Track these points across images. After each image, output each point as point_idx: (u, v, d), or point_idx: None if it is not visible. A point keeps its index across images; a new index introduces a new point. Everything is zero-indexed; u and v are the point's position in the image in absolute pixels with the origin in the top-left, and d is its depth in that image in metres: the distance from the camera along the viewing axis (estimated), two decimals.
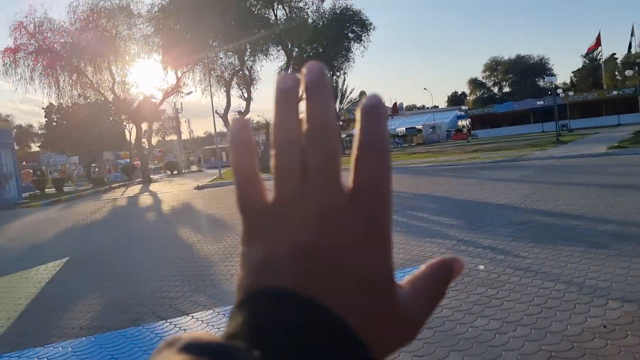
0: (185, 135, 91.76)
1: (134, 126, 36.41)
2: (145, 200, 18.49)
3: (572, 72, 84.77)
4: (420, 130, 60.23)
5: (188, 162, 59.99)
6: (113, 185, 32.16)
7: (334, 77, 36.51)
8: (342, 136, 53.25)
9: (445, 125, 63.13)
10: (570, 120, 46.02)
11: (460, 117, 70.39)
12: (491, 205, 8.60)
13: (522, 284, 4.20)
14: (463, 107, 51.62)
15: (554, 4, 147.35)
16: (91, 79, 32.43)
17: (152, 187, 27.31)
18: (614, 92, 43.96)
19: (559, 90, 42.14)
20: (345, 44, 32.27)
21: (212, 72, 33.19)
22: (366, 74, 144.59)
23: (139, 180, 36.42)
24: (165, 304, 4.93)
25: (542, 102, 48.54)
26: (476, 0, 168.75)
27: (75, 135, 45.26)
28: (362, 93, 56.66)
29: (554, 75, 29.09)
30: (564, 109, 49.63)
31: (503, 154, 19.55)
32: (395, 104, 55.14)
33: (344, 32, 31.53)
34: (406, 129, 64.27)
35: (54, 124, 46.59)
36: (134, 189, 26.94)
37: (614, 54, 70.20)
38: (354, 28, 32.02)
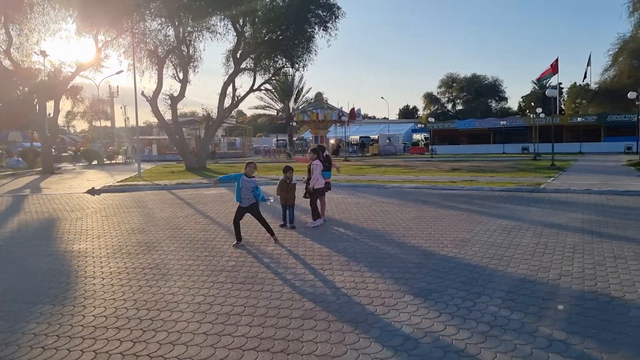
0: (120, 123, 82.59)
1: (39, 103, 29.12)
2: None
3: (522, 97, 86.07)
4: (376, 141, 56.70)
5: (113, 152, 52.01)
6: None
7: (292, 71, 31.35)
8: (294, 139, 48.21)
9: (401, 137, 60.15)
10: (530, 144, 44.25)
11: (415, 131, 67.97)
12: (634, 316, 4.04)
13: None
14: (430, 119, 48.02)
15: (507, 28, 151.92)
16: None
17: (45, 182, 20.75)
18: (578, 119, 42.47)
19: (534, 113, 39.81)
20: (308, 30, 27.29)
21: (142, 45, 26.98)
22: (321, 74, 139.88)
23: (38, 169, 29.23)
24: None
25: (505, 122, 46.45)
26: (434, 17, 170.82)
27: None
28: (319, 94, 51.97)
29: (555, 89, 25.73)
30: (526, 132, 48.10)
31: (502, 178, 15.50)
32: (353, 109, 50.75)
33: (307, 15, 26.57)
34: (360, 137, 60.59)
35: None
36: (18, 183, 20.29)
37: (560, 82, 71.28)
38: (319, 12, 27.17)
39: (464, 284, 4.75)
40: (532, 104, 47.44)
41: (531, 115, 45.44)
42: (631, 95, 27.32)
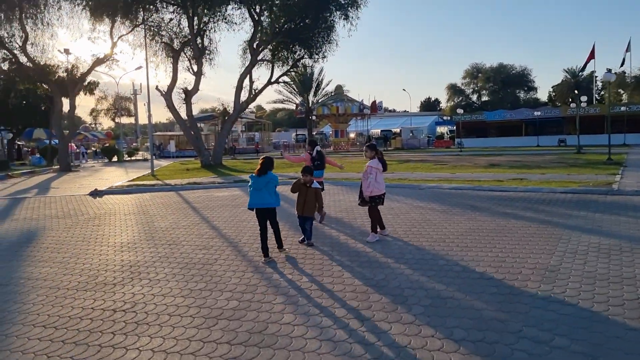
0: (144, 120, 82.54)
1: (52, 100, 28.27)
2: None
3: (552, 87, 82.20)
4: (398, 134, 54.56)
5: (134, 148, 51.51)
6: (14, 173, 24.19)
7: (311, 62, 29.50)
8: (313, 133, 46.61)
9: (425, 130, 57.78)
10: (567, 136, 41.46)
11: (438, 123, 65.42)
12: None
13: None
14: (459, 110, 45.36)
15: (537, 16, 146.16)
16: None
17: (58, 180, 19.78)
18: (622, 109, 39.36)
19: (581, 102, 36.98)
20: (329, 19, 25.50)
21: (157, 38, 25.76)
22: (340, 66, 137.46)
23: (56, 167, 28.49)
24: None
25: (539, 113, 43.60)
26: (457, 5, 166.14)
27: None
28: (339, 87, 50.04)
29: (611, 73, 23.22)
30: (562, 122, 45.16)
31: (557, 176, 13.52)
32: (375, 102, 48.71)
33: (327, 3, 24.78)
34: (381, 131, 58.53)
35: None
36: (30, 182, 19.35)
37: (594, 71, 67.44)
38: (341, 0, 25.31)
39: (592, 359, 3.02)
40: (576, 91, 44.40)
41: (571, 105, 42.57)
42: None
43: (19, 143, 51.50)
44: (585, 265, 4.96)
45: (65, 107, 28.22)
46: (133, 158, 43.67)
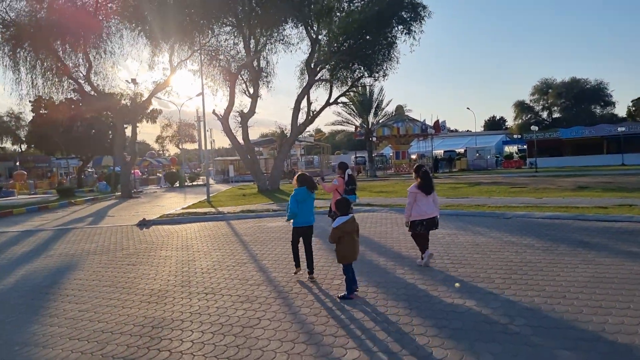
0: (208, 146, 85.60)
1: (115, 127, 29.24)
2: (26, 244, 10.73)
3: (632, 101, 75.49)
4: (463, 154, 51.65)
5: (195, 174, 52.70)
6: (77, 200, 24.82)
7: (371, 81, 28.18)
8: (373, 155, 45.08)
9: (493, 149, 54.25)
10: None
11: (506, 142, 61.49)
12: None
13: None
14: (533, 127, 41.87)
15: (613, 26, 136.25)
16: (65, 62, 25.41)
17: (117, 208, 19.80)
18: None
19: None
20: (391, 34, 24.23)
21: (215, 62, 25.83)
22: (399, 85, 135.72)
23: (119, 194, 29.15)
24: None
25: (623, 129, 39.19)
26: (519, 20, 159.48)
27: (64, 135, 39.07)
28: (400, 107, 48.33)
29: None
30: None
31: None
32: (437, 121, 46.39)
33: (389, 18, 23.56)
34: (445, 151, 55.77)
35: (39, 120, 40.01)
36: (89, 209, 19.49)
37: None
38: (403, 14, 24.02)
39: None
40: None
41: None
42: None
43: (90, 170, 54.42)
44: None
45: (128, 134, 29.03)
46: (194, 183, 44.43)
